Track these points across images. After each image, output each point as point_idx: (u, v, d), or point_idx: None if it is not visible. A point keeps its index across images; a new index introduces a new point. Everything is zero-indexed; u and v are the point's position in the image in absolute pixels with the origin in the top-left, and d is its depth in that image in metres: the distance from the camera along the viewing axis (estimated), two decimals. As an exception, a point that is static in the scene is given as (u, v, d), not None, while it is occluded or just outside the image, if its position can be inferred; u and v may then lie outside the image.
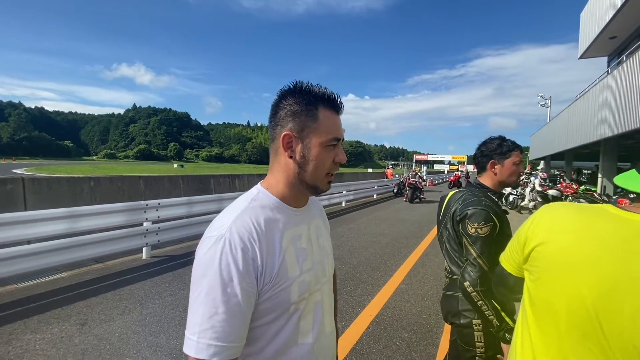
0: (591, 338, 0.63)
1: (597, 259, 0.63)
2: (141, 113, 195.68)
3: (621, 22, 11.78)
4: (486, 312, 1.25)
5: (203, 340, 0.62)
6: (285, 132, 0.73)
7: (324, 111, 0.74)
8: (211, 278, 0.64)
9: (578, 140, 13.61)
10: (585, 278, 0.63)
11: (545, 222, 0.75)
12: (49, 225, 3.93)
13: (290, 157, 0.75)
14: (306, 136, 0.73)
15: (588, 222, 0.68)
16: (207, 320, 0.63)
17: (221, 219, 0.71)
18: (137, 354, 2.53)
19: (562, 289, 0.67)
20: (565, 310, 0.66)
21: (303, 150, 0.73)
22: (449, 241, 1.49)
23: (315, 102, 0.74)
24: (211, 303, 0.63)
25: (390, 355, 2.65)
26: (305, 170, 0.74)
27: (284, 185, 0.77)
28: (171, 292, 3.68)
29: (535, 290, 0.74)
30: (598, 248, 0.64)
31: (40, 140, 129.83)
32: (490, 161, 1.50)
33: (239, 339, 0.66)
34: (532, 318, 0.74)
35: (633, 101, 8.55)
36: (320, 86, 0.76)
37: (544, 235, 0.72)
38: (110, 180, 6.10)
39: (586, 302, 0.63)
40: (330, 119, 0.74)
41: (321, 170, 0.75)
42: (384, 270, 4.73)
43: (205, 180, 8.50)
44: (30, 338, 2.71)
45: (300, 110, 0.73)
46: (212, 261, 0.65)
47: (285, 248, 0.73)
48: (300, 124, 0.73)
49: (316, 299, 0.79)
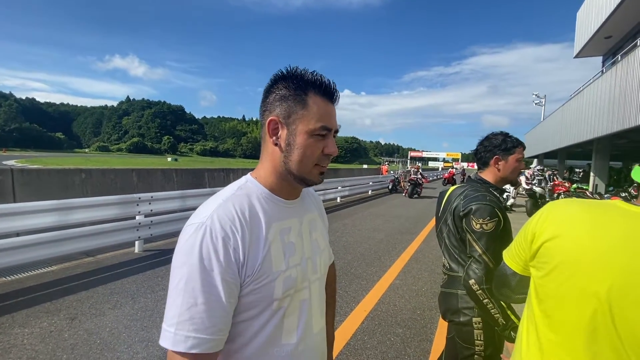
0: (603, 334, 0.62)
1: (611, 254, 0.63)
2: (135, 105, 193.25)
3: (617, 22, 11.85)
4: (492, 310, 1.22)
5: (181, 332, 0.59)
6: (271, 117, 0.70)
7: (315, 98, 0.69)
8: (190, 267, 0.61)
9: (571, 139, 13.74)
10: (599, 273, 0.63)
11: (554, 217, 0.73)
12: (38, 217, 3.86)
13: (275, 144, 0.71)
14: (292, 122, 0.69)
15: (600, 217, 0.68)
16: (186, 311, 0.59)
17: (204, 207, 0.68)
18: (129, 349, 2.49)
19: (574, 284, 0.66)
20: (576, 306, 0.65)
21: (288, 137, 0.69)
22: (449, 237, 1.47)
23: (306, 87, 0.69)
24: (190, 293, 0.60)
25: (384, 351, 2.64)
26: (290, 159, 0.70)
27: (272, 175, 0.74)
28: (163, 287, 3.63)
29: (544, 286, 0.72)
30: (612, 243, 0.63)
31: (31, 131, 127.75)
32: (494, 157, 1.47)
33: (219, 332, 0.62)
34: (540, 316, 0.73)
35: (626, 101, 8.63)
36: (316, 73, 0.71)
37: (554, 230, 0.71)
38: (103, 172, 6.00)
39: (600, 297, 0.62)
40: (320, 107, 0.69)
41: (308, 160, 0.70)
42: (379, 266, 4.73)
43: (199, 174, 8.42)
44: (19, 332, 2.66)
45: (288, 94, 0.69)
46: (192, 250, 0.61)
47: (271, 240, 0.69)
48: (288, 109, 0.69)
49: (303, 297, 0.75)
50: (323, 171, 0.73)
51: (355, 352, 2.61)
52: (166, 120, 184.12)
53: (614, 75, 9.54)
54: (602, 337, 0.62)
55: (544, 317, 0.71)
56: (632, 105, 8.33)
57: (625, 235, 0.63)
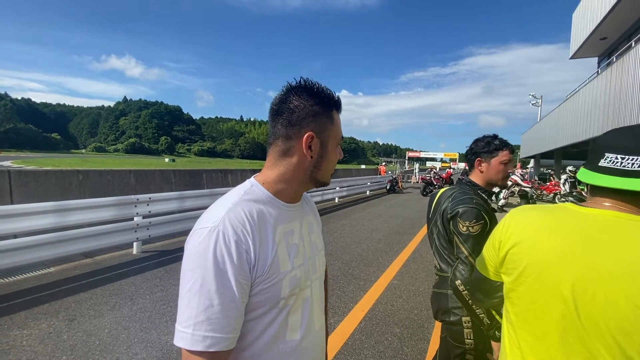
0: (571, 331, 0.65)
1: (568, 254, 0.67)
2: (132, 106, 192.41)
3: (612, 23, 11.94)
4: (477, 310, 1.26)
5: (198, 332, 0.61)
6: (308, 132, 0.76)
7: (336, 114, 0.80)
8: (205, 270, 0.63)
9: (567, 139, 13.83)
10: (560, 273, 0.67)
11: (516, 224, 0.78)
12: (36, 219, 3.85)
13: (309, 157, 0.77)
14: (325, 137, 0.78)
15: (554, 220, 0.73)
16: (202, 312, 0.62)
17: (214, 211, 0.71)
18: (128, 350, 2.50)
19: (540, 286, 0.70)
20: (545, 307, 0.69)
21: (321, 149, 0.78)
22: (439, 238, 1.49)
23: (331, 105, 0.79)
24: (206, 295, 0.62)
25: (382, 351, 2.67)
26: (320, 169, 0.79)
27: (284, 182, 0.78)
28: (162, 288, 3.64)
29: (514, 291, 0.76)
30: (567, 243, 0.68)
31: (27, 132, 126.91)
32: (477, 159, 1.51)
33: (234, 330, 0.66)
34: (515, 319, 0.76)
35: (621, 101, 8.71)
36: (331, 91, 0.80)
37: (517, 237, 0.76)
38: (100, 173, 6.00)
39: (564, 296, 0.66)
40: (339, 121, 0.81)
41: (332, 167, 0.82)
42: (376, 266, 4.76)
43: (197, 175, 8.42)
44: (17, 334, 2.66)
45: (321, 112, 0.77)
46: (206, 253, 0.64)
47: (277, 242, 0.73)
48: (321, 126, 0.77)
49: (306, 295, 0.79)
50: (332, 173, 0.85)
51: (353, 352, 2.63)
52: (163, 121, 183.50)
53: (609, 76, 9.63)
54: (571, 335, 0.65)
55: (519, 321, 0.75)
56: (627, 106, 8.41)
57: (577, 235, 0.67)
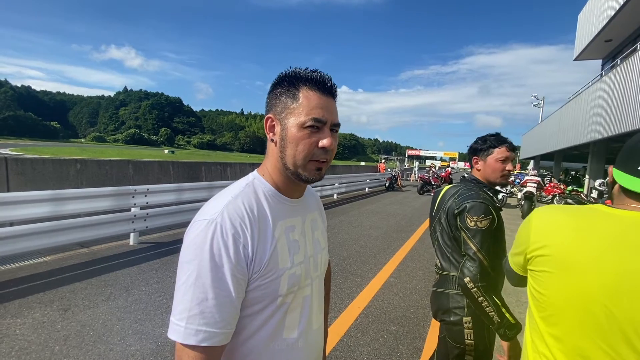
0: (603, 334, 0.64)
1: (600, 256, 0.65)
2: (132, 96, 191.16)
3: (618, 25, 11.87)
4: (487, 308, 1.22)
5: (191, 326, 0.60)
6: (268, 115, 0.73)
7: (306, 91, 0.69)
8: (200, 263, 0.62)
9: (568, 141, 13.81)
10: (592, 276, 0.65)
11: (542, 227, 0.76)
12: (32, 207, 3.82)
13: (272, 140, 0.73)
14: (285, 117, 0.70)
15: (584, 222, 0.70)
16: (196, 305, 0.61)
17: (214, 203, 0.69)
18: (122, 341, 2.49)
19: (570, 289, 0.67)
20: (576, 310, 0.67)
21: (282, 132, 0.70)
22: (442, 236, 1.47)
23: (297, 82, 0.70)
24: (201, 288, 0.61)
25: (377, 348, 2.66)
26: (285, 154, 0.70)
27: (276, 173, 0.75)
28: (158, 279, 3.63)
29: (541, 295, 0.74)
30: (599, 246, 0.66)
31: (27, 120, 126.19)
32: (473, 157, 1.52)
33: (229, 326, 0.64)
34: (543, 324, 0.74)
35: (624, 105, 8.67)
36: (311, 69, 0.71)
37: (543, 240, 0.74)
38: (98, 163, 5.95)
39: (598, 299, 0.64)
40: (312, 100, 0.68)
41: (301, 154, 0.68)
42: (374, 263, 4.75)
43: (196, 167, 8.38)
44: (11, 322, 2.64)
45: (282, 92, 0.71)
46: (203, 245, 0.62)
47: (277, 238, 0.71)
48: (281, 106, 0.70)
49: (305, 294, 0.77)
50: (321, 167, 0.71)
51: (348, 349, 2.62)
52: (164, 112, 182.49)
53: (613, 79, 9.57)
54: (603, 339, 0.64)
55: (548, 326, 0.73)
56: (630, 109, 8.37)
57: (609, 238, 0.65)
